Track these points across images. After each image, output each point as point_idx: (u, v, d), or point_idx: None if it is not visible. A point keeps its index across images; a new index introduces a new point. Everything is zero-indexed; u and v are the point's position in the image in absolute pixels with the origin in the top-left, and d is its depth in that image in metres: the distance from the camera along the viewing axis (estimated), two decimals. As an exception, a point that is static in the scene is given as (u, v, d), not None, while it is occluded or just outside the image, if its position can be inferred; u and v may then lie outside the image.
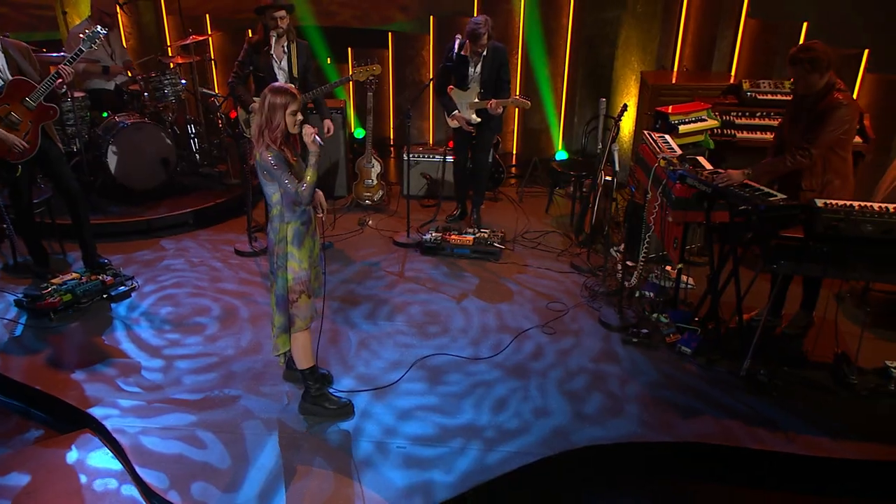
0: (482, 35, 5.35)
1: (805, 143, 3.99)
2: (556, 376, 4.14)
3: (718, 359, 4.22)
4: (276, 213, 3.54)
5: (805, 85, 4.04)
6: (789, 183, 4.15)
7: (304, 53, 5.44)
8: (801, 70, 3.99)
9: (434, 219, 6.25)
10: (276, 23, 5.23)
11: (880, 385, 3.93)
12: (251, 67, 5.40)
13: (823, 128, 3.94)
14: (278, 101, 3.39)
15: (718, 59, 6.63)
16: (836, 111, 3.92)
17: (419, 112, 8.29)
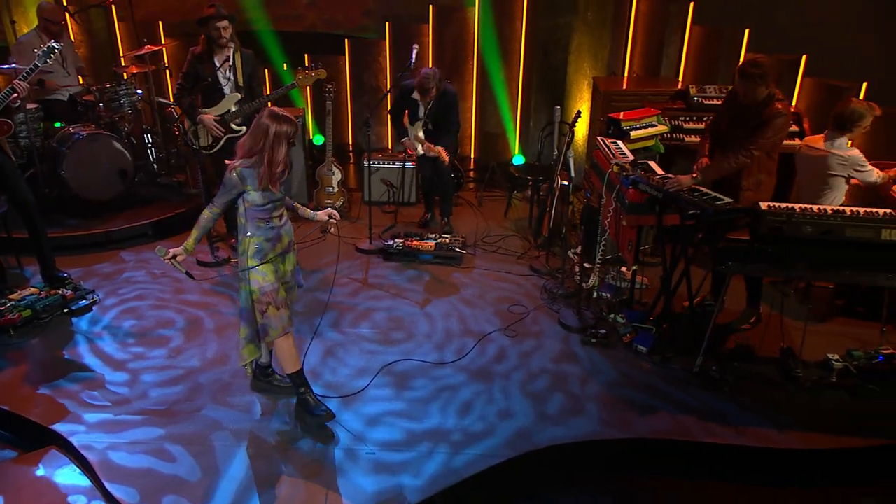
0: (431, 89, 5.67)
1: (749, 146, 4.26)
2: (519, 378, 4.27)
3: (673, 356, 4.40)
4: (241, 225, 3.59)
5: (752, 96, 4.28)
6: (730, 183, 4.42)
7: (248, 62, 5.44)
8: (750, 83, 4.23)
9: (394, 224, 6.34)
10: (220, 33, 5.21)
11: (823, 377, 4.16)
12: (196, 79, 5.36)
13: (764, 133, 4.24)
14: (284, 130, 3.30)
15: (667, 64, 6.86)
16: (776, 119, 4.23)
17: (378, 118, 8.35)
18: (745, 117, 4.35)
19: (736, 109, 4.43)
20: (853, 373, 4.12)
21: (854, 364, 4.17)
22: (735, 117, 4.42)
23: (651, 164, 4.97)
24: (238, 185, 3.44)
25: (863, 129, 4.59)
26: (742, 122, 4.35)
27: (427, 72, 5.65)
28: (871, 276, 3.83)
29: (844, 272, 3.86)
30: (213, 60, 5.31)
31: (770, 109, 4.23)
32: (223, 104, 5.39)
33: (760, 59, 4.30)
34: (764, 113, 4.26)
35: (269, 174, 3.38)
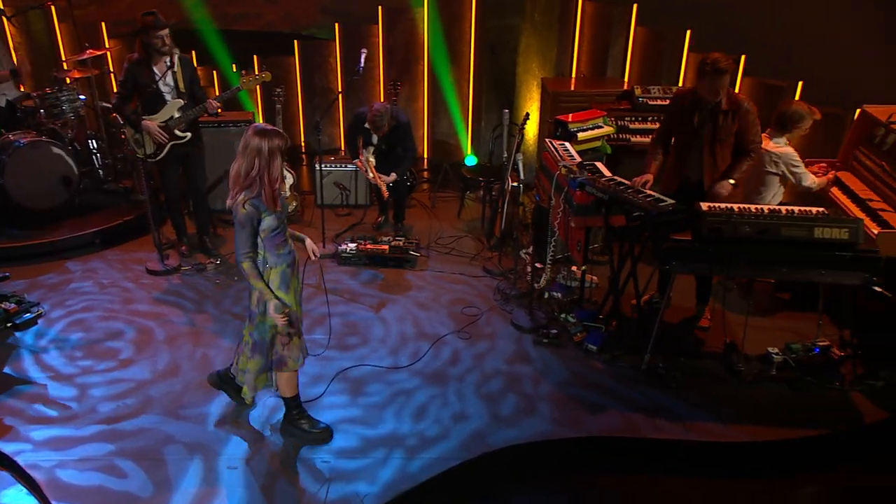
0: (383, 126, 5.75)
1: (751, 147, 4.44)
2: (473, 380, 4.33)
3: (622, 354, 4.52)
4: (259, 256, 3.41)
5: (715, 93, 4.34)
6: (693, 182, 4.56)
7: (188, 67, 5.35)
8: (720, 80, 4.28)
9: (350, 228, 6.33)
10: (163, 41, 5.09)
11: (763, 371, 4.32)
12: (135, 87, 5.24)
13: (751, 128, 4.41)
14: (277, 144, 3.21)
15: (612, 65, 7.00)
16: (750, 113, 4.41)
17: (330, 119, 8.31)
18: (709, 115, 4.38)
19: (696, 110, 4.44)
20: (792, 365, 4.29)
21: (793, 357, 4.34)
22: (695, 117, 4.43)
23: (598, 166, 5.07)
24: (255, 215, 3.29)
25: (802, 130, 4.75)
26: (708, 120, 4.39)
27: (379, 109, 5.70)
28: (805, 272, 3.99)
29: (781, 269, 4.01)
30: (151, 67, 5.21)
31: (745, 105, 4.36)
32: (166, 111, 5.30)
33: (721, 56, 4.30)
34: (739, 110, 4.36)
35: (270, 193, 3.27)
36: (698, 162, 4.50)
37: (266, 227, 3.35)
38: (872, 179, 4.95)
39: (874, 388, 4.13)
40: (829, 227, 3.87)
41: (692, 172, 4.54)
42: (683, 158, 4.57)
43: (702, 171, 4.50)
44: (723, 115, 4.37)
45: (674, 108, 4.63)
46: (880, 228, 4.36)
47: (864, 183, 5.04)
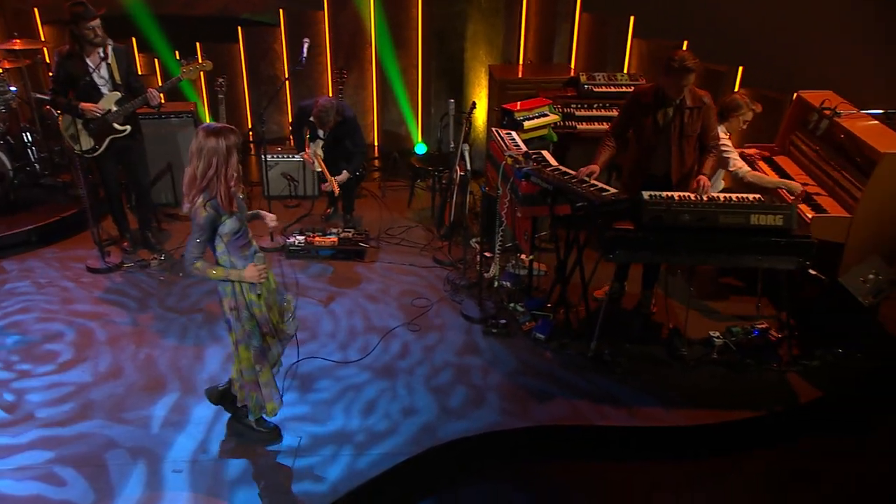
0: (328, 121, 5.66)
1: (715, 143, 4.49)
2: (423, 373, 4.34)
3: (569, 342, 4.58)
4: (225, 263, 3.32)
5: (680, 91, 4.32)
6: (659, 178, 4.55)
7: (123, 58, 5.17)
8: (687, 79, 4.24)
9: (298, 220, 6.25)
10: (95, 33, 4.91)
11: (705, 354, 4.43)
12: (68, 80, 5.04)
13: (712, 124, 4.47)
14: (233, 141, 3.11)
15: (559, 52, 7.02)
16: (712, 109, 4.46)
17: (277, 107, 8.16)
18: (674, 112, 4.38)
19: (669, 109, 4.40)
20: (732, 349, 4.41)
21: (733, 340, 4.46)
22: (660, 115, 4.41)
23: (545, 154, 5.09)
24: (216, 219, 3.19)
25: (740, 121, 4.83)
26: (675, 118, 4.39)
27: (324, 104, 5.60)
28: (743, 258, 4.09)
29: (720, 256, 4.11)
30: (84, 60, 5.02)
31: (706, 102, 4.40)
32: (102, 104, 5.13)
33: (688, 54, 4.25)
34: (703, 106, 4.40)
35: (226, 192, 3.17)
36: (665, 160, 4.49)
37: (228, 231, 3.25)
38: (808, 164, 5.09)
39: (810, 368, 4.27)
40: (764, 214, 3.96)
41: (658, 171, 4.54)
42: (648, 156, 4.53)
43: (669, 170, 4.50)
44: (689, 112, 4.39)
45: (633, 106, 4.54)
46: (814, 213, 4.49)
47: (801, 167, 5.18)
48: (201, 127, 3.19)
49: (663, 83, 4.33)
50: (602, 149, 4.62)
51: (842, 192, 4.59)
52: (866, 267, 4.21)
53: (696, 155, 4.50)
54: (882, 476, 3.88)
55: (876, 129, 4.64)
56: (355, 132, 5.88)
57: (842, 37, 6.22)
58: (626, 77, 6.21)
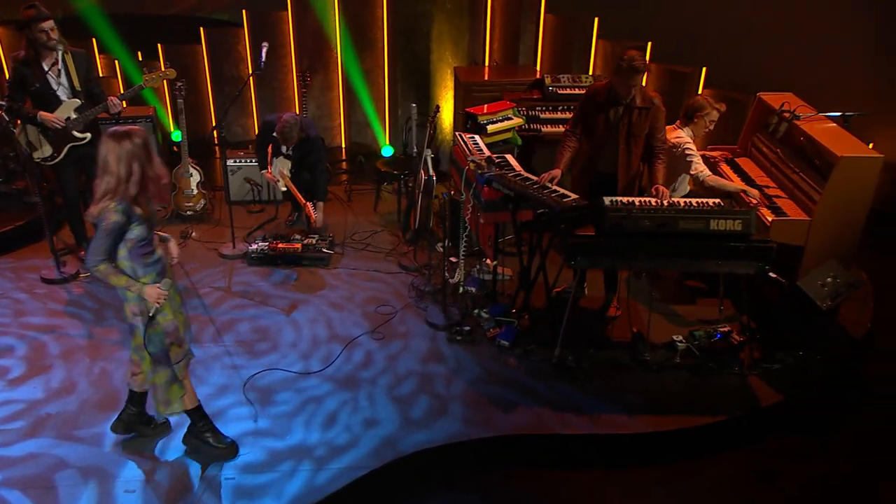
0: (291, 137, 5.53)
1: (663, 145, 4.49)
2: (386, 383, 4.28)
3: (534, 348, 4.55)
4: (126, 268, 3.24)
5: (629, 90, 4.34)
6: (605, 176, 4.56)
7: (83, 63, 5.03)
8: (635, 78, 4.27)
9: (261, 226, 6.16)
10: (48, 36, 4.76)
11: (669, 359, 4.43)
12: (24, 87, 4.89)
13: (661, 127, 4.48)
14: (143, 137, 3.04)
15: (524, 52, 7.00)
16: (661, 111, 4.47)
17: (242, 109, 8.05)
18: (624, 113, 4.40)
19: (620, 107, 4.41)
20: (695, 352, 4.41)
21: (696, 344, 4.46)
22: (612, 115, 4.43)
23: (508, 158, 5.07)
24: (124, 224, 3.10)
25: (705, 122, 4.83)
26: (624, 118, 4.41)
27: (288, 120, 5.49)
28: (703, 263, 4.10)
29: (681, 261, 4.11)
30: (41, 65, 4.88)
31: (656, 103, 4.41)
32: (61, 112, 4.99)
33: (637, 54, 4.30)
34: (652, 107, 4.41)
35: (158, 189, 3.13)
36: (613, 157, 4.52)
37: (134, 237, 3.18)
38: (769, 166, 5.12)
39: (771, 371, 4.29)
40: (723, 219, 3.97)
41: (606, 169, 4.56)
42: (597, 153, 4.56)
43: (615, 169, 4.52)
44: (637, 112, 4.40)
45: (588, 104, 4.57)
46: (774, 216, 4.52)
47: (763, 169, 5.21)
48: (107, 133, 3.10)
49: (614, 82, 4.38)
50: (562, 150, 4.62)
51: (801, 195, 4.62)
52: (824, 270, 4.24)
53: (642, 157, 4.52)
54: (846, 477, 3.91)
55: (834, 132, 4.68)
56: (317, 153, 5.73)
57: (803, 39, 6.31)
58: (590, 79, 6.19)
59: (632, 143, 4.45)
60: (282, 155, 5.74)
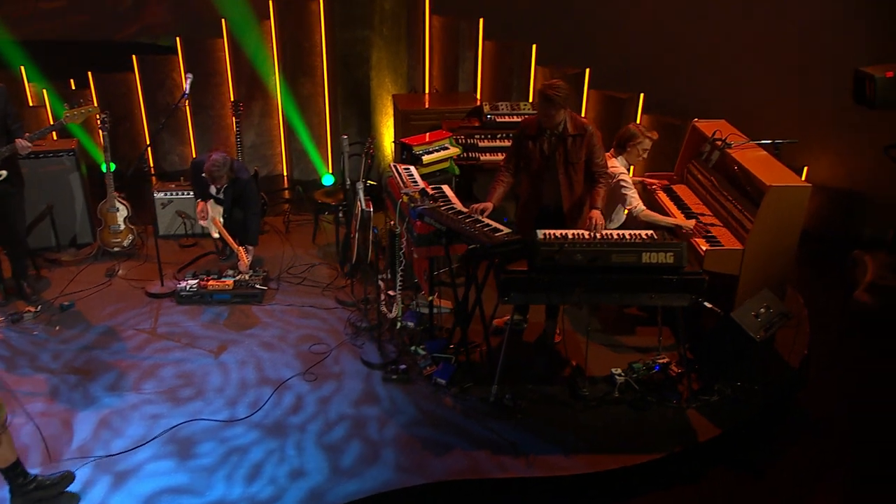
0: (220, 178, 5.36)
1: (603, 171, 4.43)
2: (316, 429, 4.10)
3: (471, 386, 4.41)
4: None
5: (550, 119, 4.30)
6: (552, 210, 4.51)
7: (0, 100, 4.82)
8: (556, 108, 4.22)
9: (193, 261, 5.93)
10: None
11: (608, 393, 4.34)
12: None
13: (597, 152, 4.41)
14: None
15: (463, 79, 6.94)
16: (595, 137, 4.40)
17: (179, 137, 7.84)
18: (557, 141, 4.35)
19: (553, 137, 4.37)
20: (634, 386, 4.33)
21: (634, 377, 4.39)
22: (546, 143, 4.38)
23: (445, 190, 4.97)
24: None
25: (638, 151, 4.81)
26: (558, 146, 4.37)
27: (216, 160, 5.30)
28: (637, 296, 4.04)
29: (615, 295, 4.04)
30: None
31: (590, 129, 4.37)
32: (-29, 151, 4.74)
33: (559, 82, 4.28)
34: (585, 133, 4.36)
35: None
36: (554, 188, 4.45)
37: None
38: (704, 193, 5.11)
39: (709, 404, 4.24)
40: (655, 252, 3.91)
41: (550, 200, 4.50)
42: (539, 187, 4.49)
43: (559, 197, 4.46)
44: (571, 140, 4.35)
45: (521, 137, 4.51)
46: (709, 245, 4.49)
47: (699, 197, 5.20)
48: None
49: (539, 112, 4.36)
50: (496, 184, 4.54)
51: (735, 224, 4.61)
52: (757, 300, 4.22)
53: (585, 183, 4.47)
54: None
55: (764, 160, 4.69)
56: (250, 195, 5.54)
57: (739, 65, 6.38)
58: (529, 106, 6.15)
59: (570, 170, 4.40)
60: (212, 198, 5.53)
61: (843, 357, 5.00)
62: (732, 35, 6.34)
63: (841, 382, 4.81)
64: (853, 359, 5.01)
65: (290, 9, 7.18)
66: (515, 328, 4.88)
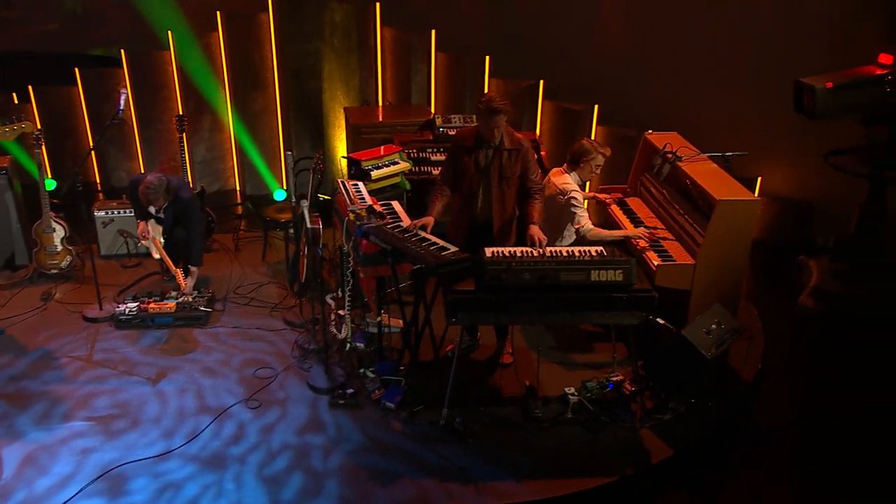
0: (156, 200, 5.13)
1: (537, 187, 4.37)
2: (257, 460, 3.91)
3: (421, 410, 4.27)
4: None
5: (491, 132, 4.21)
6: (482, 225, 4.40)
7: None
8: (495, 120, 4.14)
9: (135, 283, 5.69)
10: None
11: (561, 413, 4.23)
12: None
13: (532, 168, 4.36)
14: None
15: (416, 91, 6.83)
16: (530, 152, 4.33)
17: (126, 152, 7.59)
18: (494, 154, 4.27)
19: (489, 151, 4.28)
20: (588, 406, 4.23)
21: (588, 396, 4.28)
22: (479, 156, 4.29)
23: (395, 206, 4.85)
24: None
25: (591, 166, 4.71)
26: (495, 160, 4.29)
27: (151, 181, 5.07)
28: (586, 315, 3.95)
29: (564, 314, 3.94)
30: None
31: (525, 144, 4.31)
32: None
33: (495, 95, 4.24)
34: (521, 148, 4.30)
35: None
36: (486, 203, 4.37)
37: None
38: (657, 207, 5.05)
39: (663, 423, 4.15)
40: (604, 269, 3.82)
41: (481, 214, 4.40)
42: (471, 200, 4.41)
43: (490, 213, 4.37)
44: (507, 154, 4.27)
45: (457, 149, 4.44)
46: (660, 260, 4.41)
47: (652, 210, 5.14)
48: None
49: (478, 125, 4.30)
50: (435, 198, 4.46)
51: (687, 238, 4.55)
52: (708, 316, 4.15)
53: (516, 200, 4.40)
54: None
55: (714, 173, 4.64)
56: (192, 214, 5.32)
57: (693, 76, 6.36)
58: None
59: (504, 185, 4.32)
60: (153, 218, 5.32)
61: (793, 365, 4.98)
62: (687, 46, 6.32)
63: (792, 390, 4.77)
64: (801, 365, 5.00)
65: (237, 21, 7.01)
66: (464, 350, 4.75)
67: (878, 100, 4.84)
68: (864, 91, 4.82)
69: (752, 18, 6.05)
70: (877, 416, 4.43)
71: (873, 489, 3.96)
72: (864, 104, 4.88)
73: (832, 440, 4.32)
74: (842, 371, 4.87)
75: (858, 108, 4.91)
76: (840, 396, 4.61)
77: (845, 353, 5.03)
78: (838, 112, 4.84)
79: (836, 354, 5.06)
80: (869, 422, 4.40)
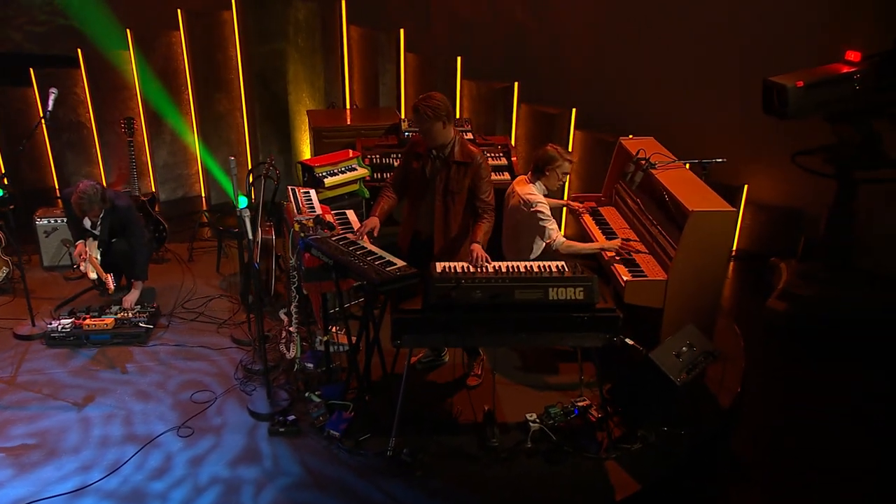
0: (91, 209, 4.78)
1: (488, 204, 3.99)
2: (180, 497, 3.54)
3: (367, 438, 3.90)
4: None
5: (431, 137, 3.88)
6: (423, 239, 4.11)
7: None
8: (425, 122, 3.82)
9: (75, 297, 5.33)
10: None
11: (520, 442, 3.86)
12: None
13: (482, 185, 3.97)
14: None
15: (385, 93, 6.50)
16: (483, 169, 3.96)
17: (85, 157, 7.24)
18: (442, 164, 3.96)
19: (437, 161, 3.97)
20: (549, 435, 3.85)
21: (551, 423, 3.91)
22: (430, 167, 3.98)
23: (349, 215, 4.53)
24: None
25: (557, 175, 4.36)
26: (441, 170, 3.97)
27: (84, 190, 4.72)
28: (545, 337, 3.59)
29: (520, 336, 3.57)
30: None
31: (477, 156, 3.95)
32: None
33: (435, 95, 3.89)
34: (472, 161, 3.94)
35: None
36: (428, 216, 4.04)
37: None
38: (631, 217, 4.71)
39: (630, 453, 3.78)
40: (563, 287, 3.46)
41: (423, 227, 4.08)
42: (416, 210, 4.10)
43: (432, 227, 4.03)
44: (455, 167, 3.92)
45: (409, 153, 4.11)
46: (630, 276, 4.05)
47: (626, 220, 4.80)
48: None
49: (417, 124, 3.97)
50: (380, 199, 4.14)
51: (661, 252, 4.19)
52: (679, 338, 3.79)
53: (464, 218, 4.04)
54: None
55: (689, 182, 4.29)
56: (132, 224, 5.00)
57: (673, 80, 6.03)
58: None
59: (449, 199, 3.97)
60: (87, 230, 4.95)
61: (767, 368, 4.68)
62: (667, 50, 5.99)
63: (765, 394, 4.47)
64: (773, 368, 4.72)
65: (200, 19, 6.68)
66: (424, 367, 4.40)
67: (848, 97, 4.57)
68: (834, 89, 4.52)
69: (733, 22, 5.72)
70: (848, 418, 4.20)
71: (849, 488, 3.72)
72: (834, 102, 4.59)
73: (809, 441, 4.07)
74: (814, 372, 4.66)
75: (829, 107, 4.63)
76: (813, 398, 4.40)
77: (814, 355, 4.83)
78: (811, 111, 4.55)
79: (806, 356, 4.83)
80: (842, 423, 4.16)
